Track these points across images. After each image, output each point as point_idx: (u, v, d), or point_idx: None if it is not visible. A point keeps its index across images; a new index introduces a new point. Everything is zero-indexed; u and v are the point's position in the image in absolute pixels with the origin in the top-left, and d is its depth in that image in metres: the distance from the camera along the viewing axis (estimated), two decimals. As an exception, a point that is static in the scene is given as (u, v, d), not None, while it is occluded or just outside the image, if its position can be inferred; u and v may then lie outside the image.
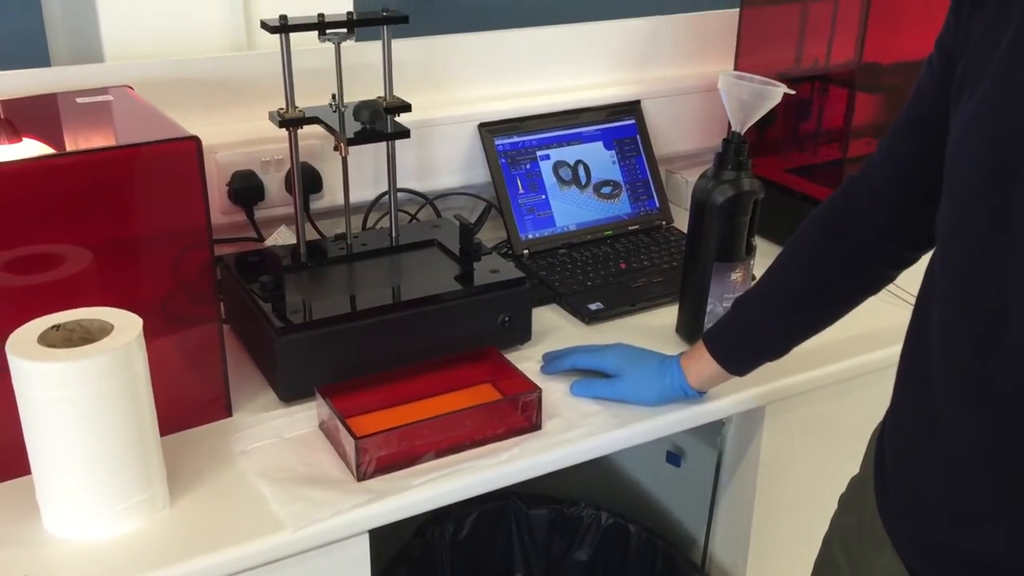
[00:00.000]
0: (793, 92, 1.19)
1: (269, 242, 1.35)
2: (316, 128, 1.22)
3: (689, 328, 1.24)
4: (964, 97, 0.73)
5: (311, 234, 1.35)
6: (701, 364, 1.07)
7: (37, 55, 1.77)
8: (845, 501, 0.99)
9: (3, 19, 1.90)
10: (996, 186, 0.69)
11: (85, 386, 0.83)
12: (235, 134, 1.33)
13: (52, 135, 1.01)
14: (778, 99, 1.16)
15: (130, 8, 1.55)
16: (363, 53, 1.37)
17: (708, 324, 1.21)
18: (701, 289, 1.21)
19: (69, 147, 0.97)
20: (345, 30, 1.17)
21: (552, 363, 1.16)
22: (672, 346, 1.23)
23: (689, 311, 1.24)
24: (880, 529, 0.88)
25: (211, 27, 1.60)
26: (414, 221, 1.46)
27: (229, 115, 1.36)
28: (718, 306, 1.21)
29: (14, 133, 0.94)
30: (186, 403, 1.04)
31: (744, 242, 1.20)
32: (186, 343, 1.03)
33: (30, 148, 0.93)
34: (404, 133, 1.17)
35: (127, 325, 0.87)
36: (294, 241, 1.33)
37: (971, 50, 0.74)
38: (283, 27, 1.13)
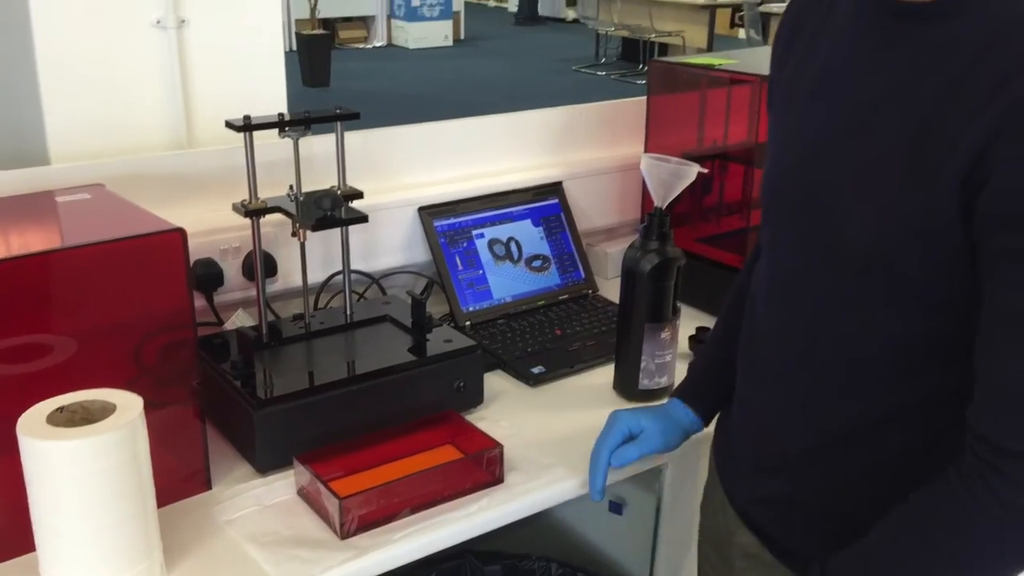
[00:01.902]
0: (706, 171, 1.35)
1: (228, 326, 1.42)
2: (272, 216, 1.32)
3: (625, 384, 1.37)
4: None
5: (268, 315, 1.43)
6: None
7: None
8: (703, 505, 1.18)
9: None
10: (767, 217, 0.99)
11: (95, 462, 0.89)
12: (193, 225, 1.40)
13: (41, 232, 1.08)
14: (693, 177, 1.32)
15: (75, 109, 1.63)
16: (309, 145, 1.48)
17: (643, 380, 1.34)
18: (635, 348, 1.34)
19: (60, 243, 1.04)
20: (303, 127, 1.28)
21: (597, 479, 1.14)
22: (610, 402, 1.35)
23: (625, 369, 1.37)
24: (731, 510, 1.07)
25: (153, 125, 1.69)
26: (363, 299, 1.55)
27: (185, 207, 1.44)
28: (651, 363, 1.34)
29: None
30: (169, 478, 1.10)
31: (671, 304, 1.34)
32: (169, 420, 1.09)
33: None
34: (362, 218, 1.28)
35: (129, 404, 0.94)
36: (251, 323, 1.41)
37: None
38: (247, 126, 1.23)
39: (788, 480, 1.00)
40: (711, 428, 1.20)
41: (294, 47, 8.53)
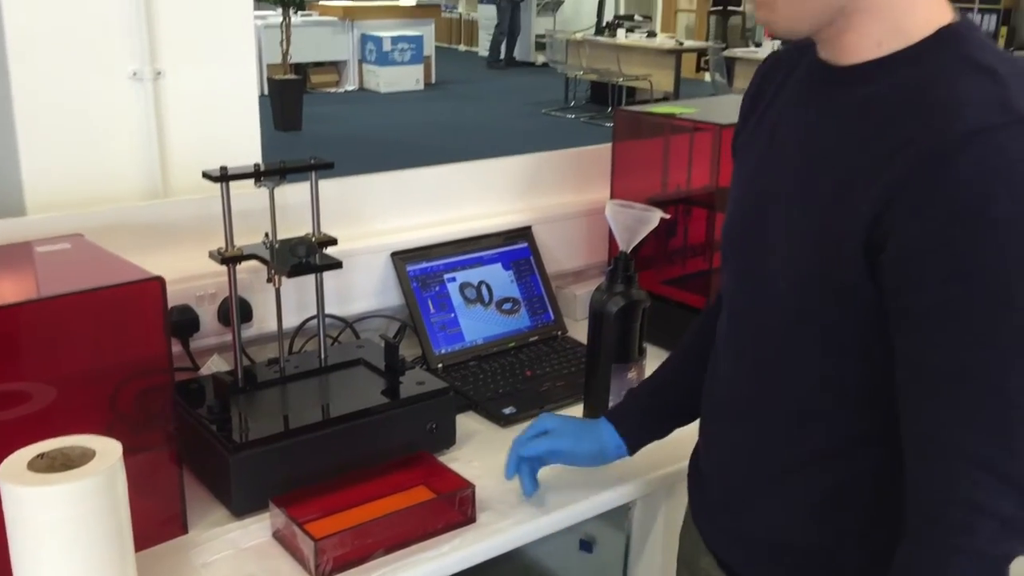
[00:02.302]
0: (668, 216, 1.41)
1: (204, 371, 1.45)
2: (247, 262, 1.35)
3: (596, 416, 1.40)
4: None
5: (243, 360, 1.46)
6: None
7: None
8: (682, 530, 1.22)
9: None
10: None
11: (76, 506, 0.91)
12: (170, 272, 1.43)
13: (22, 282, 1.11)
14: (656, 222, 1.37)
15: (52, 159, 1.66)
16: (283, 193, 1.51)
17: None
18: (603, 388, 1.38)
19: (41, 292, 1.06)
20: (278, 177, 1.32)
21: (509, 466, 1.23)
22: (581, 441, 1.39)
23: (593, 408, 1.41)
24: (698, 537, 1.12)
25: (129, 175, 1.72)
26: (337, 343, 1.58)
27: (162, 255, 1.47)
28: (619, 398, 1.38)
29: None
30: (146, 522, 1.11)
31: (637, 345, 1.38)
32: (146, 465, 1.11)
33: None
34: (336, 264, 1.32)
35: (108, 449, 0.97)
36: (226, 368, 1.43)
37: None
38: (224, 176, 1.27)
39: (741, 512, 1.04)
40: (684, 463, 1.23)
41: (266, 91, 8.59)
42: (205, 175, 1.28)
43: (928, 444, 0.83)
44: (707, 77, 9.60)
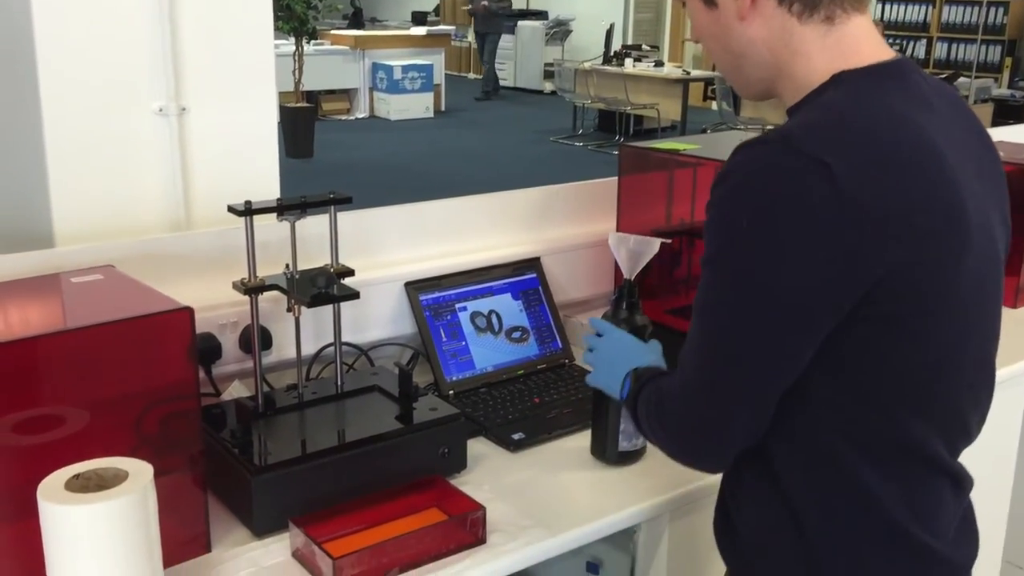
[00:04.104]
0: (669, 241, 1.46)
1: (225, 396, 1.50)
2: (268, 293, 1.41)
3: (604, 448, 1.45)
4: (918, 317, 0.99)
5: (263, 386, 1.51)
6: None
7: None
8: None
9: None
10: None
11: (111, 524, 0.97)
12: (193, 301, 1.49)
13: (59, 311, 1.17)
14: (657, 249, 1.42)
15: (81, 192, 1.72)
16: (302, 225, 1.58)
17: (622, 442, 1.43)
18: (613, 413, 1.41)
19: (77, 322, 1.12)
20: (300, 211, 1.38)
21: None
22: (587, 466, 1.44)
23: (602, 433, 1.44)
24: None
25: (154, 207, 1.79)
26: (353, 370, 1.64)
27: (186, 285, 1.53)
28: (628, 425, 1.41)
29: None
30: (171, 541, 1.17)
31: None
32: (172, 487, 1.17)
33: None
34: (354, 295, 1.38)
35: (140, 471, 1.02)
36: (246, 394, 1.49)
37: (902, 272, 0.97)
38: (248, 211, 1.33)
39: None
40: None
41: (278, 119, 8.69)
42: (231, 209, 1.34)
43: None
44: (714, 106, 9.69)
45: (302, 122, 8.41)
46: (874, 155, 0.96)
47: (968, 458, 1.12)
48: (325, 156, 8.46)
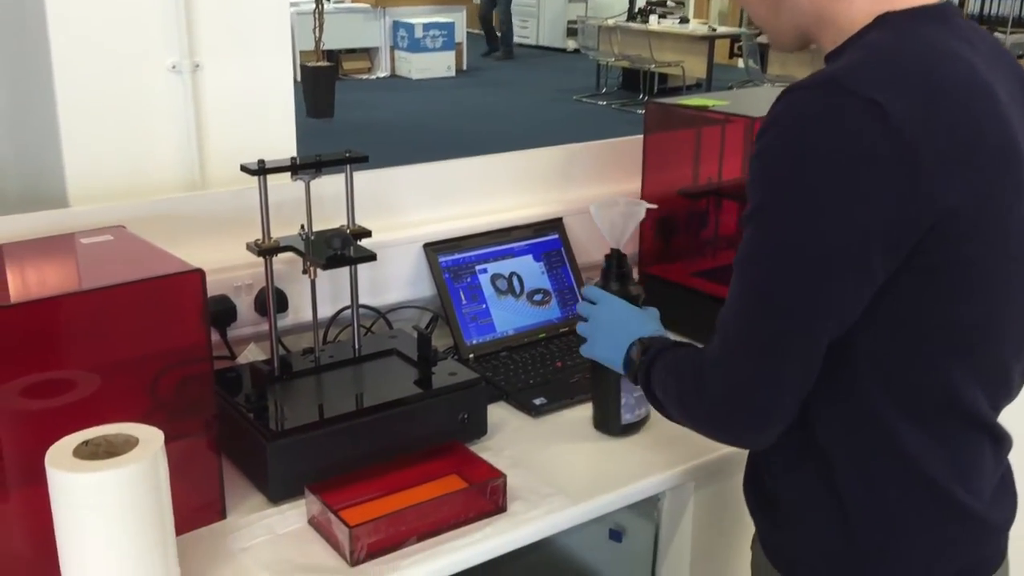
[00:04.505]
0: (655, 206, 1.39)
1: (240, 360, 1.48)
2: (284, 254, 1.38)
3: (607, 421, 1.39)
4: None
5: (279, 349, 1.49)
6: None
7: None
8: None
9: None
10: None
11: (120, 493, 0.94)
12: (208, 263, 1.46)
13: (68, 273, 1.14)
14: (643, 215, 1.35)
15: (94, 151, 1.69)
16: (318, 185, 1.54)
17: (624, 414, 1.38)
18: (614, 385, 1.36)
19: (86, 284, 1.10)
20: (314, 170, 1.34)
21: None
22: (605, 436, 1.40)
23: (605, 406, 1.39)
24: None
25: (168, 166, 1.75)
26: (371, 333, 1.61)
27: (200, 246, 1.50)
28: (630, 397, 1.36)
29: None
30: (186, 507, 1.15)
31: None
32: (186, 452, 1.14)
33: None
34: (371, 257, 1.34)
35: (151, 437, 1.00)
36: (262, 357, 1.46)
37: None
38: (261, 170, 1.29)
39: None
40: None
41: (298, 78, 8.63)
42: (243, 168, 1.30)
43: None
44: (740, 63, 9.52)
45: (323, 81, 8.31)
46: (926, 91, 0.91)
47: (1007, 419, 1.08)
48: (346, 116, 8.37)
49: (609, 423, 1.39)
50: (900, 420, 0.98)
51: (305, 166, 1.33)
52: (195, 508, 1.17)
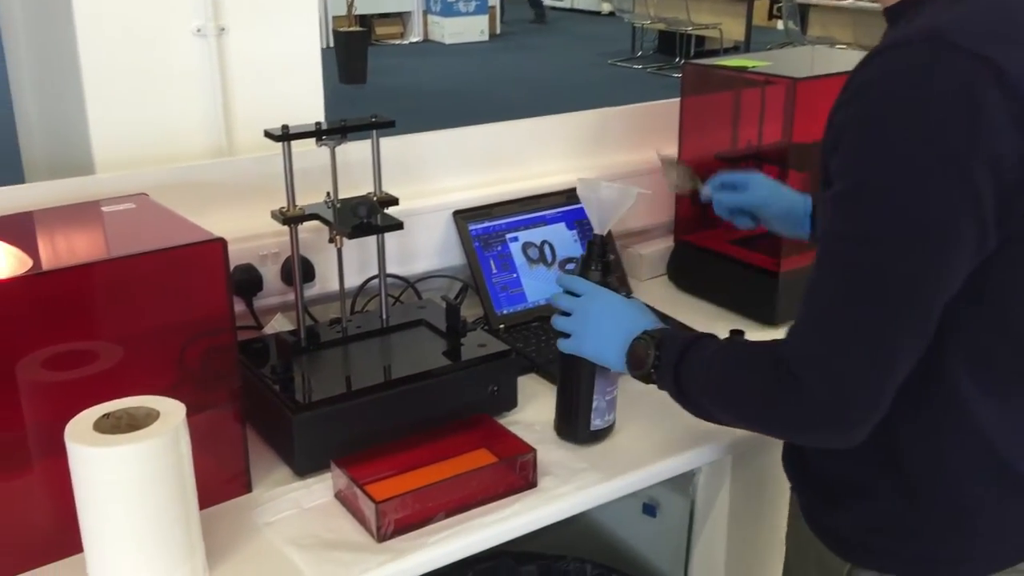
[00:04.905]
0: (648, 192, 1.25)
1: (267, 330, 1.45)
2: (310, 222, 1.34)
3: (574, 427, 1.25)
4: None
5: (306, 320, 1.46)
6: None
7: (7, 170, 1.85)
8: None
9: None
10: None
11: (140, 467, 0.92)
12: (233, 231, 1.43)
13: (88, 242, 1.12)
14: (632, 201, 1.21)
15: (119, 118, 1.66)
16: (345, 151, 1.50)
17: (595, 420, 1.24)
18: (586, 388, 1.22)
19: (106, 253, 1.07)
20: (340, 136, 1.30)
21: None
22: (649, 404, 1.35)
23: (572, 411, 1.25)
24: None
25: (194, 133, 1.73)
26: (399, 303, 1.58)
27: (225, 214, 1.47)
28: (602, 400, 1.24)
29: None
30: (211, 480, 1.13)
31: None
32: (211, 424, 1.12)
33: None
34: (397, 225, 1.30)
35: (172, 410, 0.97)
36: (289, 328, 1.44)
37: None
38: (285, 136, 1.26)
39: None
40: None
41: (331, 44, 8.59)
42: (267, 134, 1.27)
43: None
44: (780, 25, 9.30)
45: (355, 47, 8.29)
46: None
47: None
48: (378, 81, 8.35)
49: (577, 429, 1.25)
50: (977, 396, 0.94)
51: (330, 131, 1.29)
52: (221, 481, 1.15)
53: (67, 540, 0.99)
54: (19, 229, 1.12)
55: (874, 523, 1.02)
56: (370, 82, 8.34)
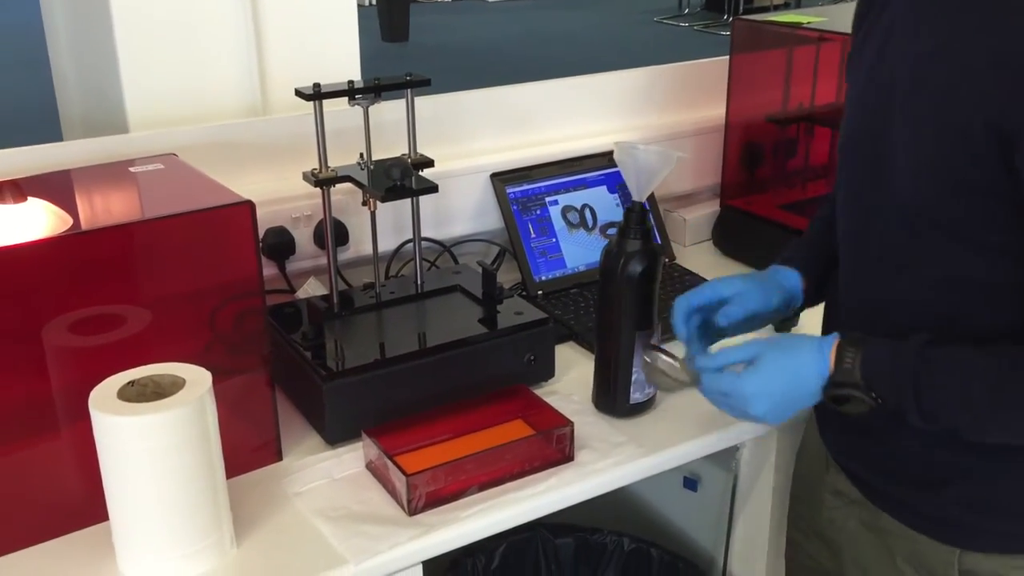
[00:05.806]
0: (686, 156, 1.17)
1: (300, 294, 1.42)
2: (343, 184, 1.30)
3: (613, 400, 1.21)
4: None
5: (339, 284, 1.43)
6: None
7: (47, 126, 1.83)
8: (799, 451, 1.24)
9: (10, 91, 1.97)
10: None
11: (166, 436, 0.90)
12: (266, 193, 1.40)
13: (115, 204, 1.09)
14: (673, 165, 1.13)
15: (152, 76, 1.63)
16: (379, 111, 1.46)
17: (634, 393, 1.20)
18: (625, 360, 1.18)
19: (133, 215, 1.04)
20: (373, 95, 1.25)
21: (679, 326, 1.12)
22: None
23: (611, 384, 1.20)
24: (824, 452, 1.15)
25: (228, 91, 1.68)
26: (435, 268, 1.54)
27: (257, 175, 1.44)
28: (641, 373, 1.19)
29: (20, 195, 1.04)
30: (240, 449, 1.11)
31: (656, 304, 1.19)
32: (240, 389, 1.10)
33: (36, 211, 1.01)
34: (432, 188, 1.26)
35: (198, 379, 0.95)
36: (322, 292, 1.41)
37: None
38: (317, 95, 1.21)
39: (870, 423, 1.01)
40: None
41: (373, 2, 8.51)
42: (298, 93, 1.23)
43: None
44: (832, -19, 9.02)
45: (397, 5, 8.20)
46: None
47: None
48: (421, 39, 8.27)
49: (615, 403, 1.21)
50: None
51: (363, 90, 1.24)
52: (251, 449, 1.13)
53: (95, 508, 0.97)
54: (53, 188, 1.10)
55: (986, 504, 0.98)
56: (412, 40, 8.26)
